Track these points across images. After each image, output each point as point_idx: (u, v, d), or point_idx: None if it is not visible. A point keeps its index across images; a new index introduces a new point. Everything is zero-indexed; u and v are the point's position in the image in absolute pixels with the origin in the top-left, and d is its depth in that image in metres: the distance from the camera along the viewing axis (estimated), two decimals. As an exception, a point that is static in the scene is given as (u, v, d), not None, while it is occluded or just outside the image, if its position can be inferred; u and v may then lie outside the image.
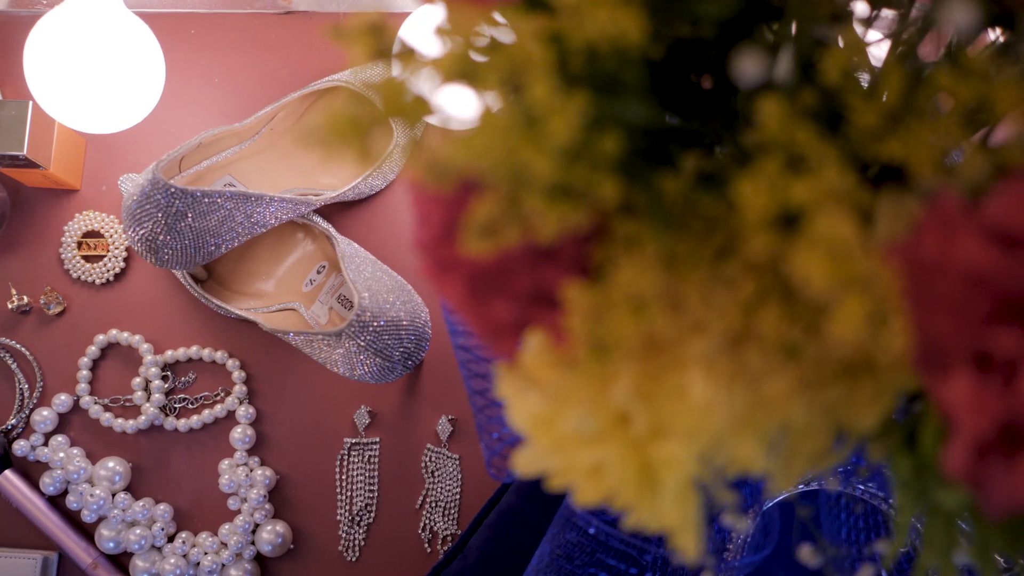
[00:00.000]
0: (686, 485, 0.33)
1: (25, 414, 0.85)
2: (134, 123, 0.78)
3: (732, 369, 0.30)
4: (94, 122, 0.76)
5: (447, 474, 0.84)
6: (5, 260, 0.87)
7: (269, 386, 0.86)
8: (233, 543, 0.81)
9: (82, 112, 0.76)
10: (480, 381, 0.56)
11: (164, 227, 0.67)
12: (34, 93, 0.77)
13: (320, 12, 0.91)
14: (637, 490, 0.34)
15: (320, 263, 0.83)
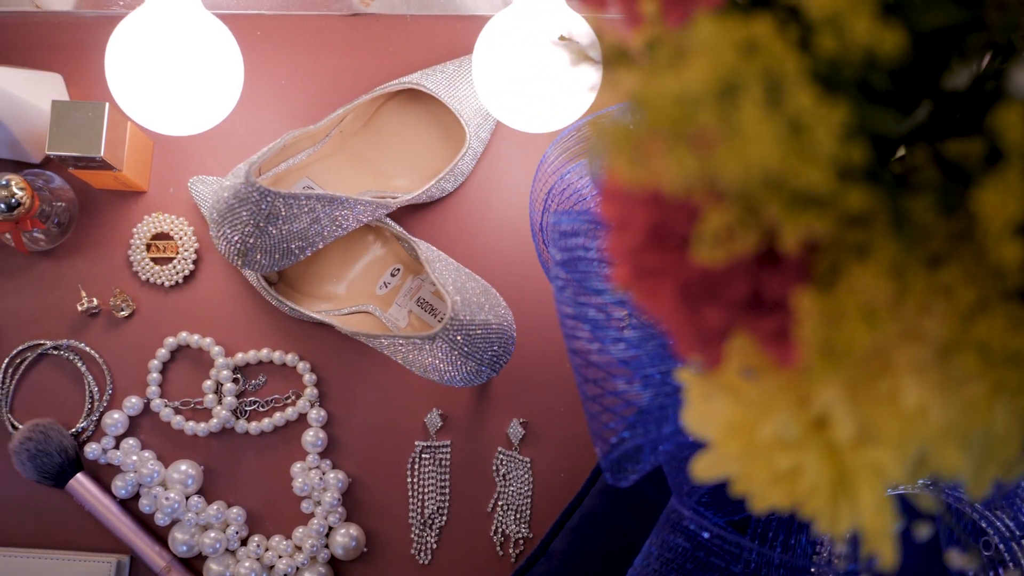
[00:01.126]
0: (885, 491, 0.33)
1: (95, 417, 0.85)
2: (213, 125, 0.77)
3: (943, 377, 0.30)
4: (175, 125, 0.76)
5: (518, 477, 0.84)
6: (74, 262, 0.87)
7: (339, 389, 0.86)
8: (308, 546, 0.81)
9: (164, 115, 0.75)
10: (593, 387, 0.56)
11: (256, 229, 0.67)
12: (115, 95, 0.77)
13: (387, 15, 0.91)
14: (830, 496, 0.34)
15: (394, 266, 0.83)
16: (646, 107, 0.24)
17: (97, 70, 0.88)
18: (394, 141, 0.87)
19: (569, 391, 0.85)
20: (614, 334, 0.53)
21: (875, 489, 0.33)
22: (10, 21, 0.90)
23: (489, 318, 0.70)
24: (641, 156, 0.25)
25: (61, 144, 0.78)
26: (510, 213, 0.87)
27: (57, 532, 0.84)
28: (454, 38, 0.90)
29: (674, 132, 0.24)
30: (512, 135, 0.88)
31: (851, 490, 0.33)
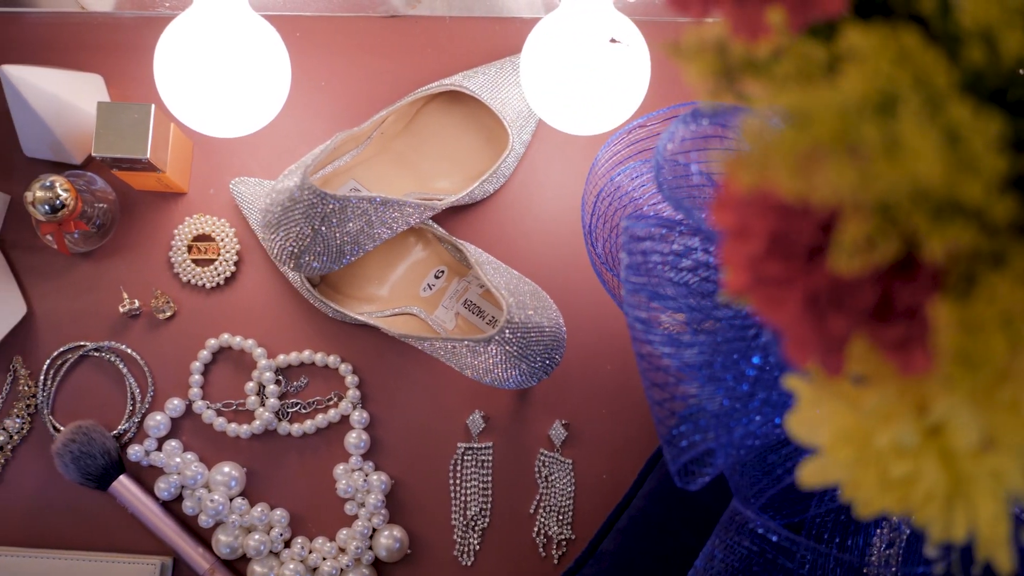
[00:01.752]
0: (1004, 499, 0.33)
1: (137, 419, 0.85)
2: (261, 126, 0.77)
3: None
4: (223, 127, 0.76)
5: (560, 479, 0.84)
6: (114, 264, 0.87)
7: (381, 390, 0.86)
8: (352, 548, 0.81)
9: (213, 117, 0.75)
10: (659, 391, 0.56)
11: (311, 232, 0.67)
12: (164, 98, 0.77)
13: (427, 16, 0.91)
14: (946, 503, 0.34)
15: (437, 268, 0.83)
16: (808, 119, 0.24)
17: (136, 71, 0.89)
18: (435, 143, 0.87)
19: (610, 393, 0.85)
20: (687, 339, 0.53)
21: (995, 496, 0.33)
22: (49, 21, 0.90)
23: (542, 321, 0.71)
24: (803, 169, 0.25)
25: (107, 146, 0.78)
26: (550, 215, 0.87)
27: (99, 534, 0.83)
28: (494, 40, 0.90)
29: (838, 144, 0.24)
30: (551, 136, 0.88)
31: (968, 497, 0.33)
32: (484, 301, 0.79)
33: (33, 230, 0.87)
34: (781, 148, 0.25)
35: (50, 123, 0.81)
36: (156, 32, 0.89)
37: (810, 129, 0.24)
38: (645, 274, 0.54)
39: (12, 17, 0.90)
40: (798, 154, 0.25)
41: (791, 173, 0.25)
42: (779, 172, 0.25)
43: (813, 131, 0.24)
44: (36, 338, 0.86)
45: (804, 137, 0.25)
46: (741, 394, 0.52)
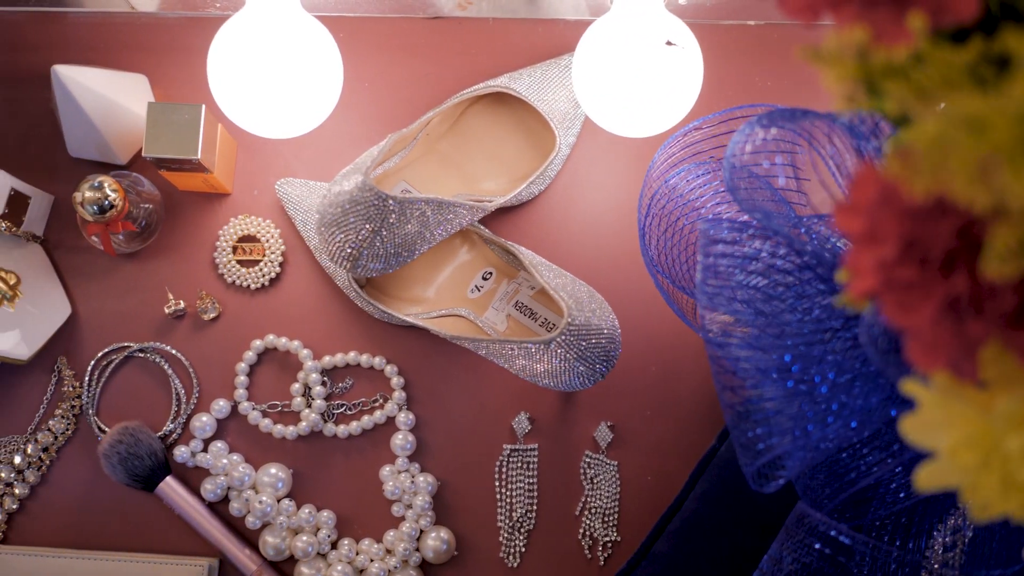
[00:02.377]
0: None
1: (182, 420, 0.84)
2: (314, 127, 0.77)
3: None
4: (276, 128, 0.76)
5: (606, 481, 0.84)
6: (158, 265, 0.87)
7: (426, 392, 0.86)
8: (400, 550, 0.81)
9: (266, 118, 0.75)
10: (731, 395, 0.56)
11: (370, 233, 0.67)
12: (217, 99, 0.76)
13: (470, 18, 0.91)
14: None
15: (485, 269, 0.83)
16: (983, 126, 0.24)
17: (180, 71, 0.88)
18: (479, 144, 0.87)
19: (654, 394, 0.85)
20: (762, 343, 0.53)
21: None
22: (92, 21, 0.90)
23: (600, 323, 0.71)
24: (980, 175, 0.25)
25: (157, 146, 0.77)
26: (594, 216, 0.87)
27: (143, 535, 0.83)
28: (536, 42, 0.90)
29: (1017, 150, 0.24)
30: (595, 138, 0.88)
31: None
32: (536, 303, 0.79)
33: (76, 230, 0.87)
34: (958, 154, 0.25)
35: (98, 123, 0.81)
36: (199, 32, 0.89)
37: (987, 135, 0.24)
38: (718, 277, 0.54)
39: (56, 16, 0.90)
40: (976, 160, 0.25)
41: (969, 179, 0.25)
42: (955, 178, 0.26)
43: (990, 137, 0.24)
44: (80, 339, 0.86)
45: (982, 143, 0.25)
46: (819, 398, 0.53)
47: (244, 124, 0.76)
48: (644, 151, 0.88)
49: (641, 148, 0.88)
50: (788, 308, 0.55)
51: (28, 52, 0.89)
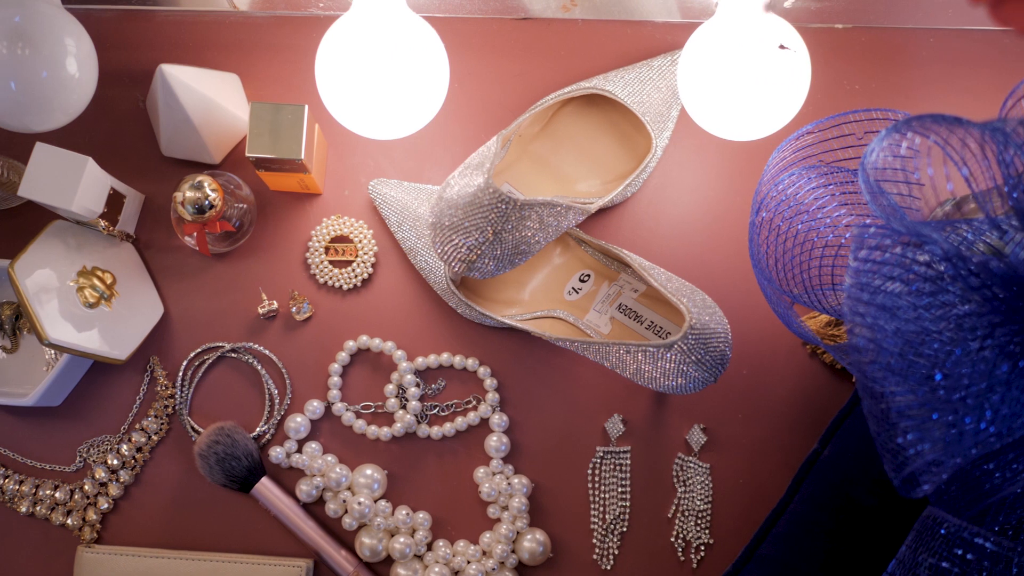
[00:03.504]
0: None
1: (275, 421, 0.84)
2: (420, 127, 0.77)
3: None
4: (384, 129, 0.76)
5: (698, 483, 0.84)
6: (249, 265, 0.86)
7: (518, 393, 0.85)
8: (498, 551, 0.81)
9: (374, 119, 0.75)
10: (875, 402, 0.56)
11: (491, 236, 0.67)
12: (325, 100, 0.76)
13: (558, 19, 0.90)
14: None
15: (581, 272, 0.83)
16: None
17: (269, 70, 0.88)
18: (571, 146, 0.86)
19: (745, 397, 0.85)
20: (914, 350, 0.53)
21: None
22: (181, 19, 0.89)
23: (717, 327, 0.70)
24: None
25: (260, 146, 0.77)
26: (686, 218, 0.87)
27: (237, 536, 0.83)
28: (625, 43, 0.90)
29: None
30: (685, 140, 0.88)
31: None
32: (641, 306, 0.79)
33: (166, 230, 0.87)
34: None
35: (196, 122, 0.81)
36: (288, 31, 0.89)
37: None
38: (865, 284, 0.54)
39: (144, 14, 0.89)
40: None
41: None
42: None
43: None
44: (172, 339, 0.85)
45: None
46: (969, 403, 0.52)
47: (352, 125, 0.76)
48: (737, 153, 0.88)
49: (734, 150, 0.88)
50: (935, 316, 0.55)
51: (116, 50, 0.89)
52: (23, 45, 0.70)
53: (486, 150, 0.71)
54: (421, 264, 0.83)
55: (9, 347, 0.84)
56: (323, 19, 0.89)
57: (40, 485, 0.82)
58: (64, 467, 0.83)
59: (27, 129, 0.74)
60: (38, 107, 0.73)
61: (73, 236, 0.81)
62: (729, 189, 0.87)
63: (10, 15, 0.71)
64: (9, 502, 0.82)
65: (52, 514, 0.82)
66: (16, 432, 0.84)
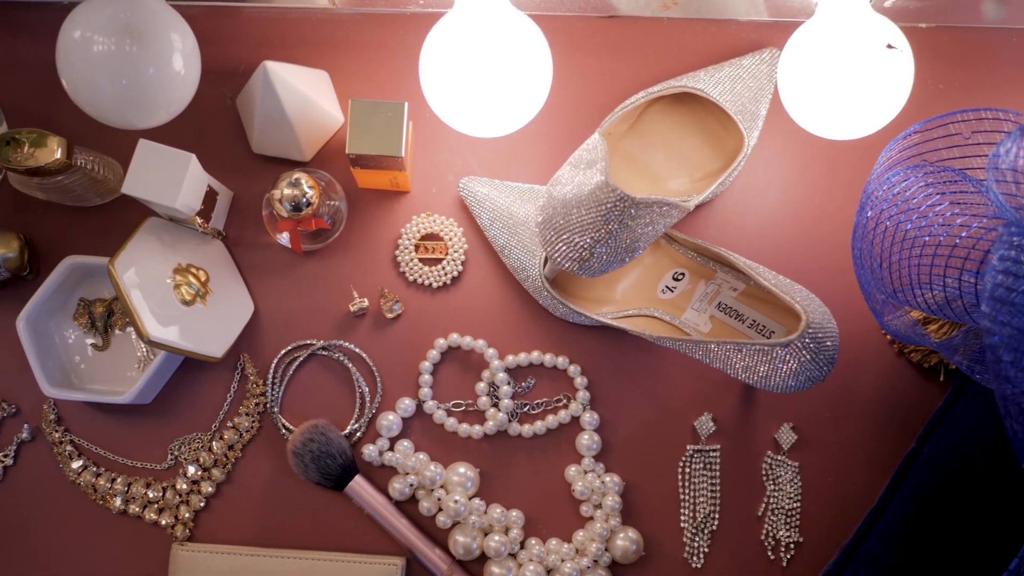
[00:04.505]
0: None
1: (367, 419, 0.84)
2: (522, 125, 0.77)
3: None
4: (487, 126, 0.76)
5: (788, 481, 0.84)
6: (338, 262, 0.86)
7: (607, 392, 0.85)
8: (593, 549, 0.81)
9: (476, 117, 0.75)
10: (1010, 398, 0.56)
11: (606, 235, 0.67)
12: (429, 98, 0.76)
13: (644, 17, 0.90)
14: None
15: (674, 270, 0.83)
16: None
17: (356, 67, 0.88)
18: (660, 144, 0.86)
19: (833, 396, 0.85)
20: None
21: None
22: (267, 16, 0.89)
23: (828, 326, 0.71)
24: None
25: (360, 143, 0.77)
26: (773, 216, 0.87)
27: (328, 533, 0.83)
28: (710, 41, 0.90)
29: None
30: (771, 137, 0.88)
31: None
32: (741, 304, 0.79)
33: (254, 227, 0.86)
34: None
35: (293, 119, 0.81)
36: (375, 28, 0.89)
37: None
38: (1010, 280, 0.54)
39: (230, 11, 0.89)
40: None
41: None
42: None
43: None
44: (262, 336, 0.85)
45: None
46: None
47: (457, 123, 0.75)
48: (824, 151, 0.88)
49: (820, 149, 0.88)
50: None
51: (202, 47, 0.88)
52: (131, 42, 0.70)
53: (592, 147, 0.71)
54: (512, 262, 0.83)
55: (100, 345, 0.84)
56: (408, 16, 0.89)
57: (132, 483, 0.82)
58: (156, 465, 0.83)
59: (130, 126, 0.74)
60: (143, 104, 0.72)
61: (167, 233, 0.80)
62: (816, 187, 0.88)
63: (116, 11, 0.71)
64: (102, 500, 0.82)
65: (144, 512, 0.82)
66: (108, 430, 0.84)
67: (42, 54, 0.88)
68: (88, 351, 0.84)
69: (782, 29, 0.90)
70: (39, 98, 0.88)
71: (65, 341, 0.83)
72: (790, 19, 0.90)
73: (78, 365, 0.83)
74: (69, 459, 0.82)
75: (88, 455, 0.83)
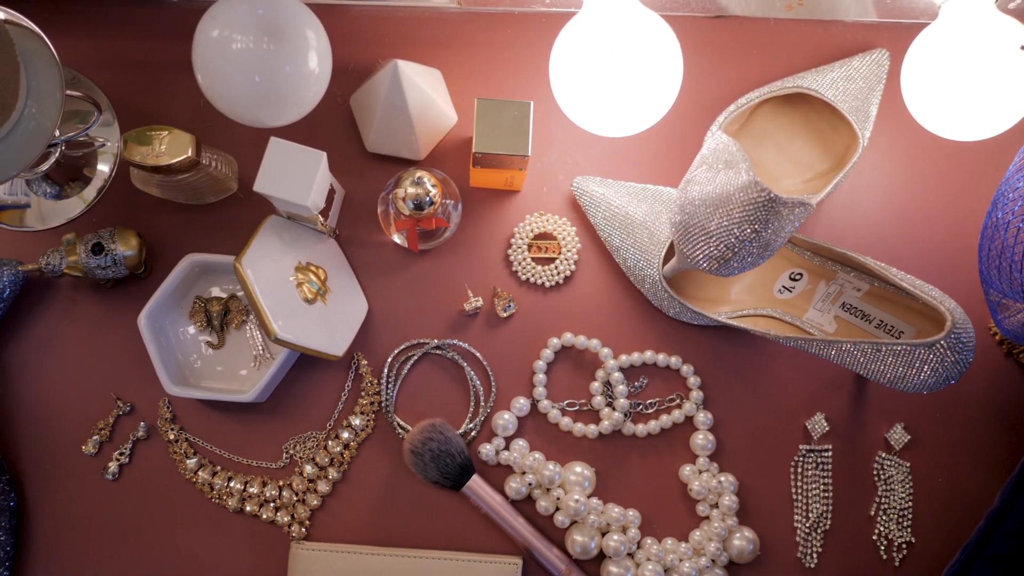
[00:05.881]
0: None
1: (481, 418, 0.84)
2: (651, 124, 0.77)
3: None
4: (616, 126, 0.76)
5: (899, 482, 0.84)
6: (449, 261, 0.86)
7: (718, 391, 0.85)
8: (711, 549, 0.81)
9: (608, 116, 0.75)
10: None
11: (751, 234, 0.67)
12: (559, 98, 0.76)
13: (751, 17, 0.90)
14: None
15: (791, 270, 0.83)
16: None
17: (467, 65, 0.88)
18: (771, 144, 0.87)
19: (943, 395, 0.85)
20: None
21: None
22: (376, 15, 0.89)
23: (968, 324, 0.71)
24: None
25: (487, 142, 0.77)
26: (882, 216, 0.87)
27: (444, 532, 0.83)
28: (817, 42, 0.90)
29: None
30: (880, 137, 0.88)
31: None
32: (866, 304, 0.79)
33: (365, 225, 0.86)
34: None
35: (415, 118, 0.81)
36: (484, 27, 0.89)
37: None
38: None
39: (338, 9, 0.89)
40: None
41: None
42: None
43: None
44: (375, 335, 0.85)
45: None
46: None
47: (583, 122, 0.75)
48: (934, 151, 0.88)
49: (929, 148, 0.88)
50: None
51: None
52: (268, 39, 0.70)
53: (725, 147, 0.71)
54: (628, 263, 0.83)
55: (216, 343, 0.84)
56: (517, 16, 0.89)
57: (249, 482, 0.82)
58: (270, 463, 0.83)
59: (259, 123, 0.74)
60: (276, 102, 0.72)
61: (287, 231, 0.80)
62: (925, 187, 0.88)
63: (253, 8, 0.71)
64: (218, 498, 0.82)
65: (261, 510, 0.82)
66: (222, 428, 0.83)
67: (148, 51, 0.88)
68: (203, 349, 0.84)
69: (887, 30, 0.90)
70: (146, 94, 0.87)
71: (180, 339, 0.83)
72: (897, 20, 0.90)
73: (193, 363, 0.83)
74: (185, 457, 0.82)
75: (203, 453, 0.83)
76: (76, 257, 0.79)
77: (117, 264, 0.80)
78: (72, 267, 0.79)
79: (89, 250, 0.79)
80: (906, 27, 0.90)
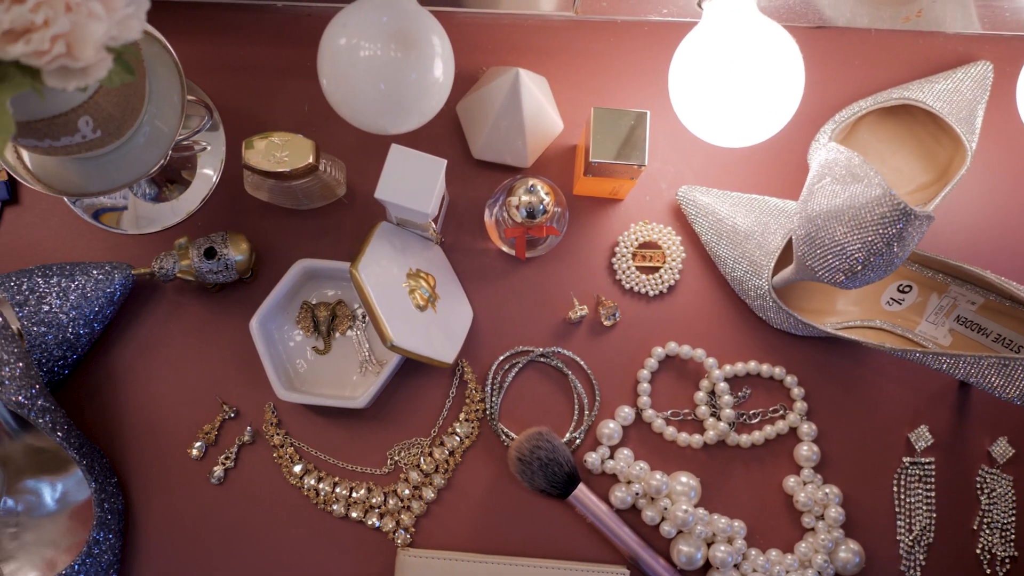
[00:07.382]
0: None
1: (585, 427, 0.84)
2: (772, 135, 0.77)
3: None
4: (736, 136, 0.75)
5: (1002, 496, 0.84)
6: (552, 269, 0.86)
7: (821, 403, 0.85)
8: (819, 561, 0.81)
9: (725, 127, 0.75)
10: None
11: (882, 246, 0.66)
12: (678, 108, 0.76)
13: (851, 28, 0.90)
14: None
15: (899, 283, 0.82)
16: None
17: (570, 73, 0.88)
18: (874, 156, 0.86)
19: (1045, 410, 0.85)
20: None
21: None
22: (479, 22, 0.89)
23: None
24: None
25: (604, 151, 0.77)
26: (985, 227, 0.87)
27: (547, 541, 0.82)
28: (918, 53, 0.90)
29: None
30: (985, 149, 0.88)
31: None
32: (983, 318, 0.79)
33: (469, 232, 0.86)
34: None
35: (528, 126, 0.81)
36: (590, 35, 0.89)
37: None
38: None
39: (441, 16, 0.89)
40: None
41: None
42: None
43: None
44: (479, 342, 0.85)
45: None
46: None
47: (705, 134, 0.75)
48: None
49: None
50: None
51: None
52: (395, 47, 0.70)
53: (848, 159, 0.71)
54: (735, 273, 0.83)
55: (322, 348, 0.84)
56: (620, 24, 0.89)
57: (354, 487, 0.82)
58: (375, 469, 0.83)
59: (380, 130, 0.74)
60: (400, 109, 0.72)
61: (397, 238, 0.80)
62: (1031, 202, 0.88)
63: (379, 15, 0.71)
64: (323, 504, 0.82)
65: (366, 516, 0.82)
66: (326, 434, 0.83)
67: (253, 55, 0.88)
68: (308, 354, 0.84)
69: (988, 42, 0.90)
70: (250, 99, 0.87)
71: (287, 344, 0.83)
72: (999, 32, 0.90)
73: (299, 368, 0.83)
74: (291, 462, 0.82)
75: (308, 458, 0.83)
76: (189, 261, 0.79)
77: (228, 268, 0.80)
78: (184, 271, 0.80)
79: (202, 254, 0.79)
80: (1007, 40, 0.90)
